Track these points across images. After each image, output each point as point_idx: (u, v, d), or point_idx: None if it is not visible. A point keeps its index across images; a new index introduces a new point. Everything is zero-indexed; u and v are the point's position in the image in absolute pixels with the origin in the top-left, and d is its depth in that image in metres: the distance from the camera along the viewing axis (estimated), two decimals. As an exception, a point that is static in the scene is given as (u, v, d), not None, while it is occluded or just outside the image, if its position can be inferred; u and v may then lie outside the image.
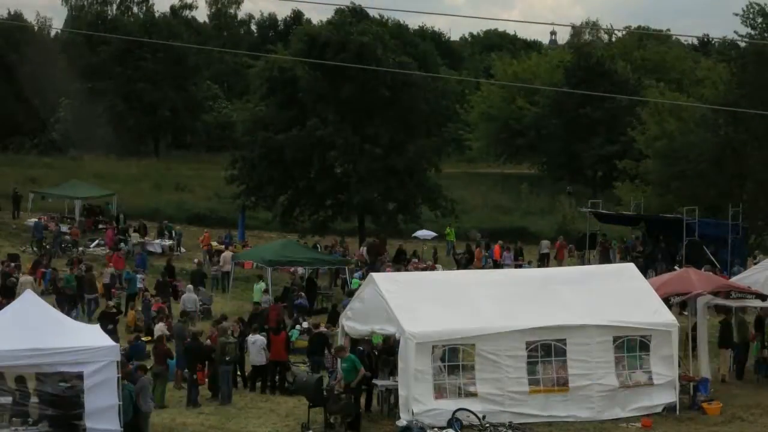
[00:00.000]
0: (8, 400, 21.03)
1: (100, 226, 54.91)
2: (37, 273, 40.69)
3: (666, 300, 26.45)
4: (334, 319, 32.00)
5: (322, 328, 30.34)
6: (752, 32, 49.53)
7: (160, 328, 31.29)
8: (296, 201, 51.82)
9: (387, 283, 25.44)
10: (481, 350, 23.80)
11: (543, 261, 49.21)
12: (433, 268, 44.21)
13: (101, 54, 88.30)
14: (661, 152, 52.76)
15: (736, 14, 49.48)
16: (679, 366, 25.71)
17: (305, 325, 33.03)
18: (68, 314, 29.26)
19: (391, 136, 49.93)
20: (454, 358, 23.74)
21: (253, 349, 27.70)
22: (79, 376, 20.85)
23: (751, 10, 49.14)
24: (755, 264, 35.34)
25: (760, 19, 49.00)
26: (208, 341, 28.06)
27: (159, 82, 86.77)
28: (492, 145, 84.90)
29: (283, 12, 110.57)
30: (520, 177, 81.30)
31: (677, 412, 24.95)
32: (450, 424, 23.10)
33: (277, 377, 27.74)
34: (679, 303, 28.85)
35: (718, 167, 48.03)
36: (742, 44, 52.33)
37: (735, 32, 51.32)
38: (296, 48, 55.02)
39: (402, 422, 23.16)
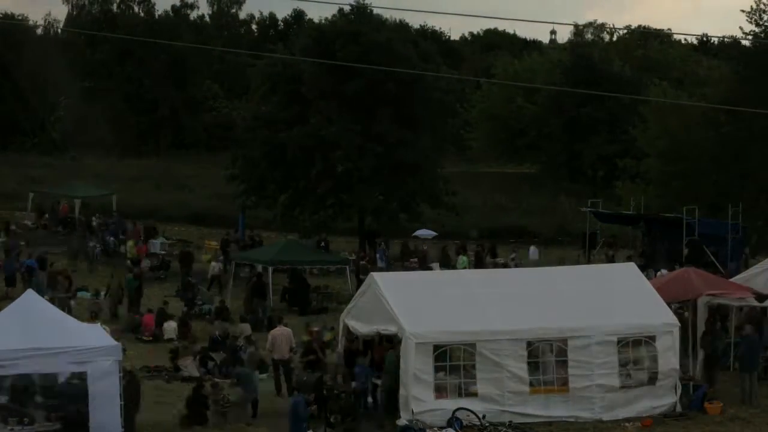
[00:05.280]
0: (5, 400, 21.02)
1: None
2: None
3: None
4: None
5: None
6: (756, 30, 49.48)
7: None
8: (297, 200, 51.76)
9: (388, 282, 25.46)
10: (481, 350, 23.81)
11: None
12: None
13: (101, 53, 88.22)
14: (662, 151, 52.78)
15: (743, 11, 49.39)
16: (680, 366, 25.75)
17: None
18: None
19: (397, 134, 49.85)
20: (455, 358, 23.76)
21: None
22: (82, 376, 20.87)
23: (759, 8, 49.09)
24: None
25: (766, 17, 48.95)
26: None
27: (159, 82, 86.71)
28: (492, 145, 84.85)
29: (283, 11, 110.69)
30: (520, 177, 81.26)
31: (677, 412, 24.98)
32: (450, 423, 23.11)
33: None
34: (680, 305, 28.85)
35: (719, 166, 48.02)
36: (744, 42, 52.36)
37: (740, 28, 51.23)
38: (302, 43, 54.86)
39: (402, 422, 23.17)
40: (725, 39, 67.24)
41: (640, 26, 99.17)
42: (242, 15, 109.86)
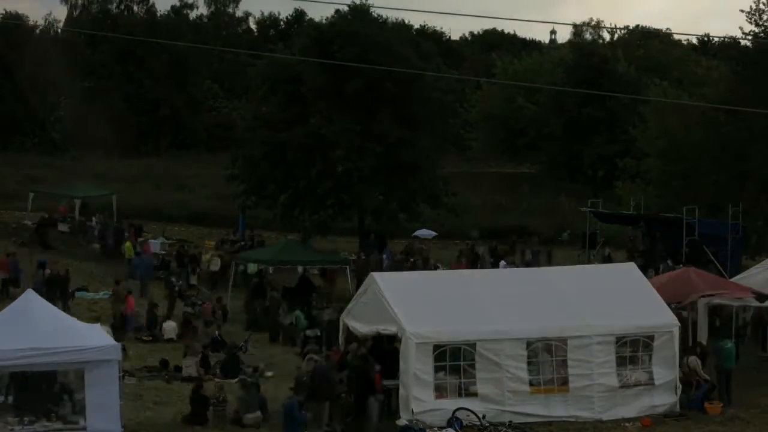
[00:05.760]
0: (5, 399, 21.04)
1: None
2: None
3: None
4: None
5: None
6: (756, 30, 49.40)
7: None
8: (297, 200, 51.72)
9: (388, 282, 25.45)
10: (481, 350, 23.81)
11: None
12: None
13: (101, 53, 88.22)
14: (662, 151, 52.79)
15: (743, 10, 49.35)
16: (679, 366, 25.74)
17: None
18: None
19: (397, 134, 49.82)
20: (455, 358, 23.76)
21: None
22: (82, 376, 20.90)
23: (759, 8, 48.98)
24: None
25: (766, 17, 48.85)
26: None
27: (159, 82, 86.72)
28: (492, 145, 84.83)
29: (284, 11, 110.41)
30: (520, 177, 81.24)
31: (677, 412, 24.99)
32: (450, 423, 23.11)
33: None
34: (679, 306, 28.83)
35: (719, 166, 48.01)
36: (744, 42, 52.28)
37: (740, 28, 51.15)
38: (302, 43, 54.87)
39: (402, 422, 23.18)
40: (725, 39, 67.14)
41: (637, 26, 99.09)
42: (239, 13, 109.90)
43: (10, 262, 41.31)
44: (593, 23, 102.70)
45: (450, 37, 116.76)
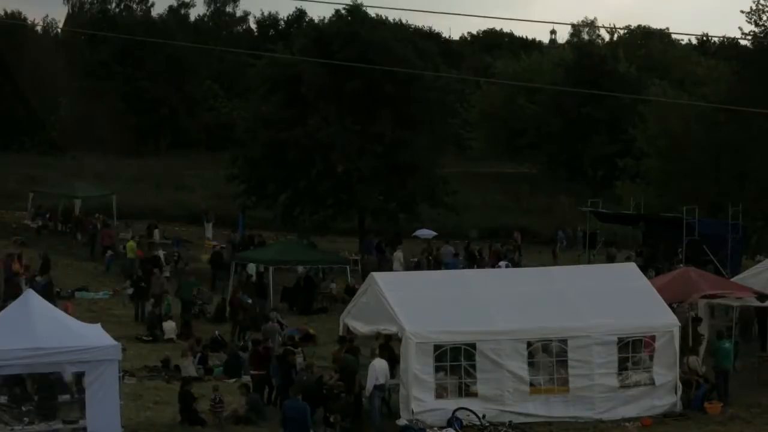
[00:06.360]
0: (5, 400, 21.03)
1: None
2: None
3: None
4: None
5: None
6: (756, 30, 49.47)
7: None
8: (297, 200, 51.74)
9: (388, 282, 25.45)
10: (482, 350, 23.80)
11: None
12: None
13: (101, 53, 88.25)
14: (662, 150, 52.82)
15: (743, 11, 49.41)
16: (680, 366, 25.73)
17: None
18: None
19: (397, 134, 49.83)
20: (455, 358, 23.75)
21: None
22: (82, 376, 20.89)
23: (759, 8, 49.03)
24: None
25: (766, 17, 48.91)
26: None
27: (159, 82, 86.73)
28: (492, 145, 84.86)
29: (284, 11, 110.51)
30: (520, 177, 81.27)
31: (677, 412, 24.98)
32: (450, 423, 23.11)
33: None
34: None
35: (719, 166, 48.08)
36: (744, 42, 52.36)
37: (740, 28, 51.40)
38: (301, 44, 54.92)
39: (402, 422, 23.18)
40: (725, 39, 67.22)
41: (639, 26, 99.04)
42: (239, 13, 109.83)
43: (5, 262, 41.28)
44: (589, 22, 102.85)
45: (450, 37, 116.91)
